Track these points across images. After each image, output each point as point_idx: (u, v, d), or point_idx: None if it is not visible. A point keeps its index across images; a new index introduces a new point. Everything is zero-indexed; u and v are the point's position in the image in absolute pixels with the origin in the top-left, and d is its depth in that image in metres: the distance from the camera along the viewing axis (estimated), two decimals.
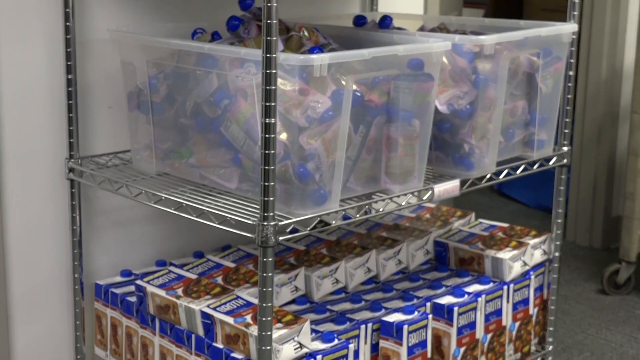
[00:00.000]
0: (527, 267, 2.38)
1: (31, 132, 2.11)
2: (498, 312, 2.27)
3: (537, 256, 2.43)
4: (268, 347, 1.70)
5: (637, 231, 3.40)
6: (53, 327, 2.22)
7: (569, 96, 2.31)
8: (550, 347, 2.49)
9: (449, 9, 3.64)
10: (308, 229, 1.76)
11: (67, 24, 2.05)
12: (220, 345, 1.88)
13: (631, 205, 3.41)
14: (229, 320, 1.86)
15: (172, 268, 2.12)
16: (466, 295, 2.20)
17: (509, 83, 2.11)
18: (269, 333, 1.69)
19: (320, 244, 2.35)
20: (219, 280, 2.09)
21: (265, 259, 1.66)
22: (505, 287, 2.29)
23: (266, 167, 1.63)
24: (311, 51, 1.87)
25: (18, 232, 2.13)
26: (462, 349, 2.17)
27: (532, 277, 2.38)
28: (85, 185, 2.17)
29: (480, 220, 2.66)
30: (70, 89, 2.09)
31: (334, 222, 1.81)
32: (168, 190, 1.94)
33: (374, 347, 2.06)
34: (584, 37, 3.95)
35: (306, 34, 2.00)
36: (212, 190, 1.94)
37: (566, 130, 2.34)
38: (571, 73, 2.29)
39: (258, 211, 1.69)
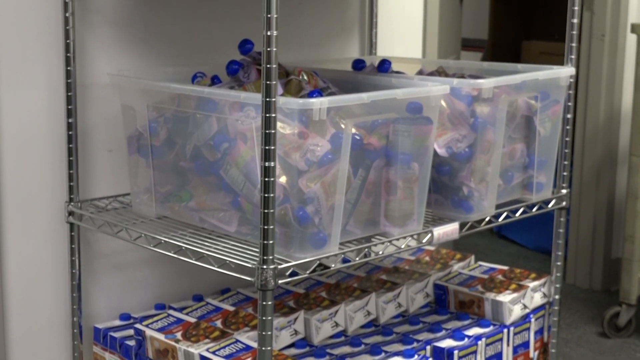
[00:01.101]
0: (527, 310, 2.38)
1: (31, 175, 2.11)
2: (498, 356, 2.26)
3: (537, 299, 2.42)
4: None
5: (637, 273, 3.39)
6: None
7: (567, 139, 2.32)
8: None
9: (448, 52, 3.67)
10: (307, 272, 1.76)
11: (68, 68, 2.07)
12: None
13: (631, 248, 3.40)
14: None
15: (171, 312, 2.12)
16: (466, 339, 2.19)
17: (507, 126, 2.12)
18: None
19: (320, 287, 2.35)
20: (218, 323, 2.08)
21: (264, 303, 1.66)
22: (505, 330, 2.28)
23: (266, 211, 1.63)
24: (310, 95, 1.88)
25: (17, 274, 2.12)
26: None
27: (533, 320, 2.37)
28: (84, 229, 2.17)
29: (480, 262, 2.65)
30: (70, 132, 2.10)
31: (333, 265, 1.81)
32: (167, 234, 1.94)
33: None
34: (581, 79, 3.97)
35: (305, 77, 2.02)
36: (212, 233, 1.94)
37: (565, 173, 2.34)
38: (569, 116, 2.30)
39: (257, 254, 1.69)
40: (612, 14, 3.86)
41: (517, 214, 2.21)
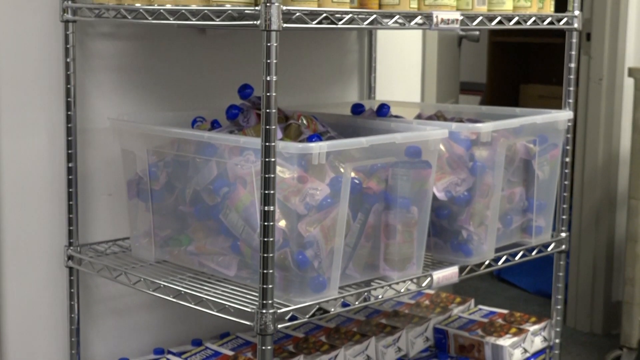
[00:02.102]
0: (527, 354, 2.36)
1: (31, 219, 2.12)
2: None
3: (538, 343, 2.41)
4: None
5: (638, 317, 3.38)
6: None
7: (566, 182, 2.32)
8: None
9: (446, 96, 3.68)
10: (307, 316, 1.76)
11: (69, 112, 2.08)
12: None
13: (631, 291, 3.40)
14: None
15: (170, 356, 2.11)
16: None
17: (506, 170, 2.13)
18: None
19: (320, 332, 2.34)
20: None
21: (264, 347, 1.65)
22: None
23: (265, 255, 1.63)
24: (310, 139, 1.88)
25: (16, 318, 2.12)
26: None
27: None
28: (84, 273, 2.17)
29: (480, 306, 2.65)
30: (70, 176, 2.10)
31: (333, 309, 1.80)
32: (167, 278, 1.94)
33: None
34: (580, 123, 3.98)
35: (305, 122, 2.03)
36: (211, 278, 1.94)
37: (564, 217, 2.34)
38: (567, 159, 2.31)
39: (257, 299, 1.69)
40: (609, 57, 3.88)
41: (517, 258, 2.21)
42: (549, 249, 2.32)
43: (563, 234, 2.34)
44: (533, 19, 2.16)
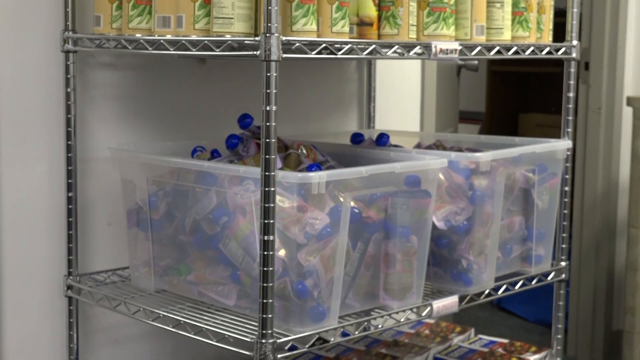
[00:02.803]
0: None
1: (30, 249, 2.12)
2: None
3: None
4: None
5: (639, 346, 3.37)
6: None
7: (566, 211, 2.33)
8: None
9: (445, 125, 3.69)
10: (307, 346, 1.75)
11: (69, 142, 2.08)
12: None
13: (631, 320, 3.39)
14: None
15: None
16: None
17: (505, 199, 2.13)
18: None
19: None
20: None
21: None
22: None
23: (265, 284, 1.63)
24: (309, 169, 1.89)
25: (15, 348, 2.11)
26: None
27: None
28: (83, 302, 2.16)
29: (480, 335, 2.64)
30: (70, 206, 2.10)
31: (332, 339, 1.80)
32: (166, 308, 1.94)
33: None
34: (579, 151, 3.99)
35: (304, 151, 2.03)
36: (211, 307, 1.93)
37: (564, 245, 2.34)
38: (567, 188, 2.31)
39: (256, 328, 1.68)
40: (607, 87, 3.90)
41: (517, 287, 2.21)
42: (549, 278, 2.31)
43: (563, 263, 2.34)
44: (531, 48, 2.17)
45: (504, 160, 2.10)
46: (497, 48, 2.08)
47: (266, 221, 1.62)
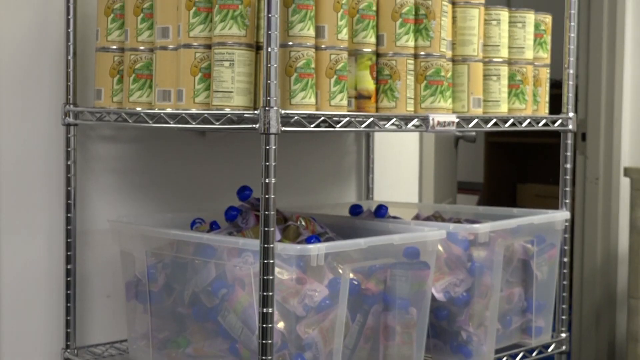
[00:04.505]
0: None
1: (28, 321, 2.11)
2: None
3: None
4: None
5: None
6: None
7: (565, 282, 2.32)
8: None
9: (444, 196, 3.70)
10: None
11: (69, 215, 2.09)
12: None
13: None
14: None
15: None
16: None
17: (504, 270, 2.13)
18: None
19: None
20: None
21: None
22: None
23: (264, 357, 1.62)
24: (308, 240, 1.89)
25: None
26: None
27: None
28: None
29: None
30: (69, 278, 2.10)
31: None
32: None
33: None
34: (577, 222, 4.00)
35: (303, 223, 2.04)
36: None
37: (564, 317, 2.33)
38: (566, 259, 2.31)
39: None
40: (605, 157, 3.92)
41: (517, 359, 2.19)
42: (550, 349, 2.30)
43: (563, 335, 2.33)
44: (528, 120, 2.19)
45: (503, 232, 2.10)
46: (494, 120, 2.10)
47: (265, 293, 1.62)
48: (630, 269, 3.41)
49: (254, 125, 1.65)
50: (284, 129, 1.65)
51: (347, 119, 1.80)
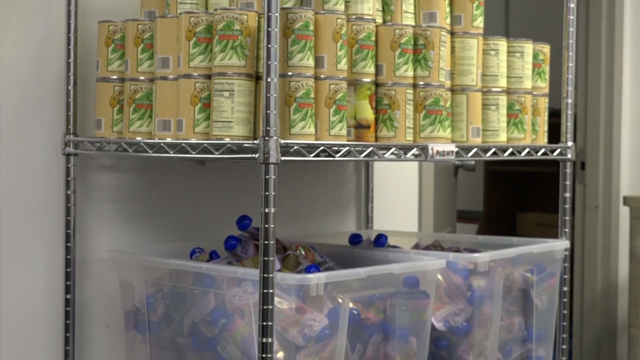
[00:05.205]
0: None
1: (28, 351, 2.10)
2: None
3: None
4: None
5: None
6: None
7: (565, 312, 2.32)
8: None
9: (443, 225, 3.71)
10: None
11: (68, 244, 2.09)
12: None
13: None
14: None
15: None
16: None
17: (504, 299, 2.12)
18: None
19: None
20: None
21: None
22: None
23: None
24: (308, 270, 1.89)
25: None
26: None
27: None
28: None
29: None
30: (68, 308, 2.09)
31: None
32: None
33: None
34: (577, 250, 3.99)
35: (303, 252, 2.04)
36: None
37: (564, 346, 2.33)
38: (565, 288, 2.31)
39: None
40: (604, 186, 3.93)
41: None
42: None
43: None
44: (527, 150, 2.20)
45: (502, 261, 2.10)
46: (493, 149, 2.11)
47: (265, 323, 1.61)
48: (631, 298, 3.40)
49: (254, 155, 1.65)
50: (283, 158, 1.65)
51: (347, 148, 1.80)
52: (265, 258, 1.61)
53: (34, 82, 2.10)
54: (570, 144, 2.30)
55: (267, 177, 1.63)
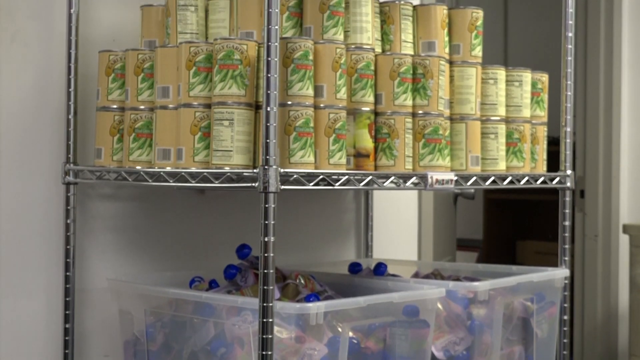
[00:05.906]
0: None
1: None
2: None
3: None
4: None
5: None
6: None
7: (565, 340, 2.31)
8: None
9: (443, 253, 3.70)
10: None
11: (67, 273, 2.09)
12: None
13: None
14: None
15: None
16: None
17: (504, 328, 2.12)
18: None
19: None
20: None
21: None
22: None
23: None
24: (307, 299, 1.89)
25: None
26: None
27: None
28: None
29: None
30: (67, 337, 2.09)
31: None
32: None
33: None
34: (577, 279, 3.99)
35: (302, 281, 2.03)
36: None
37: None
38: (566, 317, 2.30)
39: None
40: (603, 214, 3.93)
41: None
42: None
43: None
44: (526, 178, 2.20)
45: (502, 290, 2.10)
46: (492, 178, 2.11)
47: (264, 352, 1.61)
48: (631, 326, 3.39)
49: (253, 184, 1.66)
50: (283, 187, 1.65)
51: (346, 177, 1.81)
52: (265, 287, 1.61)
53: (35, 111, 2.10)
54: (569, 172, 2.30)
55: (266, 205, 1.63)
